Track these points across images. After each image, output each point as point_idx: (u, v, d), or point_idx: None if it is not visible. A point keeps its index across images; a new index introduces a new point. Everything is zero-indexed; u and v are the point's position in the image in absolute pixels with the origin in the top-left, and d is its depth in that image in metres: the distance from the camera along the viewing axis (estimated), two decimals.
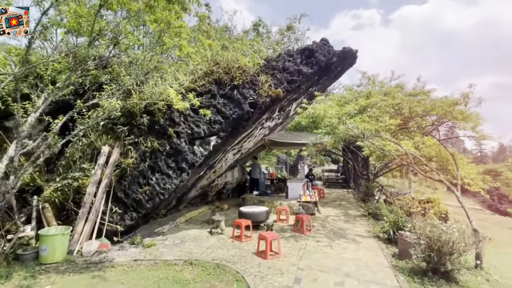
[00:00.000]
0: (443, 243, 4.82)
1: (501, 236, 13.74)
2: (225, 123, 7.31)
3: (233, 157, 10.64)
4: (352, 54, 9.92)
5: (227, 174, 11.98)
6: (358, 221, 9.04)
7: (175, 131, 7.08)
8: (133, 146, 7.07)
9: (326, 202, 12.60)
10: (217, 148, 7.63)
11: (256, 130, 9.66)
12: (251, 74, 7.76)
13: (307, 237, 7.09)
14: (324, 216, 9.66)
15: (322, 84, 10.46)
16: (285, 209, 8.78)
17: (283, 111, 10.30)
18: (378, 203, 11.03)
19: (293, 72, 8.00)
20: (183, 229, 7.73)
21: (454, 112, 7.77)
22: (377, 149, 8.21)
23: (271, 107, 7.99)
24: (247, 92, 7.53)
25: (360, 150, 11.52)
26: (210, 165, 8.97)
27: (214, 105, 7.37)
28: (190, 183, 8.46)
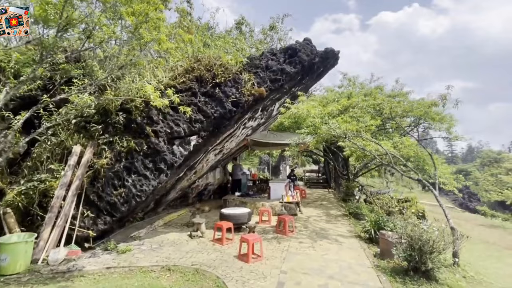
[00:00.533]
0: (424, 242, 4.88)
1: (472, 233, 14.43)
2: (206, 122, 7.07)
3: (215, 157, 10.38)
4: (334, 55, 9.99)
5: (208, 175, 11.69)
6: (340, 221, 9.08)
7: (153, 130, 6.74)
8: (107, 146, 6.65)
9: (307, 203, 12.62)
10: (198, 148, 7.37)
11: (238, 129, 9.47)
12: (233, 72, 7.57)
13: (290, 238, 6.99)
14: (306, 217, 9.63)
15: (304, 84, 10.45)
16: (267, 210, 8.65)
17: (266, 111, 10.19)
18: (359, 202, 11.19)
19: (277, 71, 7.90)
20: (162, 232, 7.38)
21: (431, 113, 8.00)
22: (358, 149, 8.28)
23: (254, 106, 7.84)
24: (230, 91, 7.33)
25: (341, 150, 11.66)
26: (190, 166, 8.67)
27: (195, 103, 7.10)
28: (169, 184, 8.12)
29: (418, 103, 8.88)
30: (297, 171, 28.43)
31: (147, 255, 5.68)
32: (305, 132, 7.87)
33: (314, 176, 22.52)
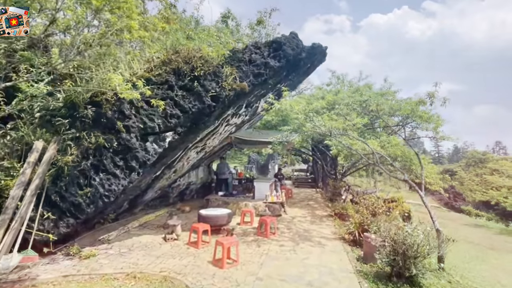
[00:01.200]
0: (408, 246, 4.60)
1: (458, 233, 14.47)
2: (183, 118, 6.62)
3: (196, 155, 9.94)
4: (321, 51, 9.68)
5: (190, 174, 11.23)
6: (325, 222, 8.80)
7: (124, 125, 6.25)
8: (74, 142, 6.13)
9: (293, 203, 12.33)
10: (175, 145, 6.93)
11: (221, 126, 9.05)
12: (214, 65, 7.14)
13: (271, 241, 6.64)
14: (290, 217, 9.31)
15: (291, 81, 10.11)
16: (250, 211, 8.28)
17: (250, 108, 9.81)
18: (345, 202, 10.95)
19: (260, 65, 7.52)
20: (135, 235, 6.91)
21: (418, 111, 7.78)
22: (345, 148, 8.00)
23: (235, 101, 7.44)
24: (209, 84, 6.90)
25: (329, 149, 11.41)
26: (168, 164, 8.21)
27: (172, 97, 6.65)
28: (144, 184, 7.64)
29: (406, 102, 8.68)
30: (285, 170, 28.20)
31: (113, 260, 5.22)
32: (288, 129, 7.51)
33: (302, 176, 22.31)
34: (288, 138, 8.23)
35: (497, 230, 15.93)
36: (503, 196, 20.21)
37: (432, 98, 6.37)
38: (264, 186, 10.59)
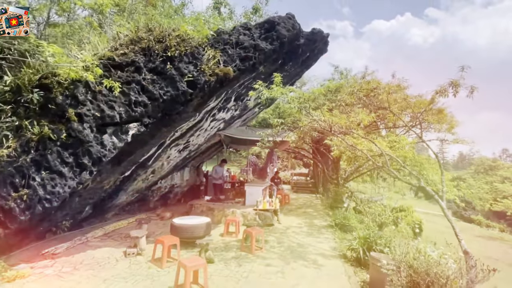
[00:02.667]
0: (434, 278, 3.36)
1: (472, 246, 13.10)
2: (152, 106, 5.47)
3: (179, 154, 8.77)
4: (322, 37, 8.51)
5: (174, 176, 10.05)
6: (323, 234, 7.55)
7: (77, 113, 5.09)
8: (13, 132, 4.97)
9: (290, 210, 11.08)
10: (143, 140, 5.76)
11: (205, 121, 7.89)
12: (192, 46, 6.00)
13: (255, 259, 5.41)
14: (284, 228, 8.07)
15: (287, 72, 8.93)
16: (235, 220, 7.05)
17: (240, 101, 8.64)
18: (347, 211, 9.69)
19: (248, 48, 6.36)
20: (92, 247, 5.72)
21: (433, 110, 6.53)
22: (348, 148, 6.79)
23: (218, 90, 6.26)
24: (185, 67, 5.76)
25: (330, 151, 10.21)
26: (141, 163, 7.04)
27: (138, 81, 5.50)
28: (109, 185, 6.46)
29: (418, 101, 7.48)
30: (285, 174, 26.95)
31: (45, 284, 4.02)
32: (278, 121, 6.31)
33: (302, 180, 21.01)
34: (279, 134, 7.04)
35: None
36: None
37: (457, 88, 5.13)
38: (256, 190, 9.37)
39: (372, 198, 10.54)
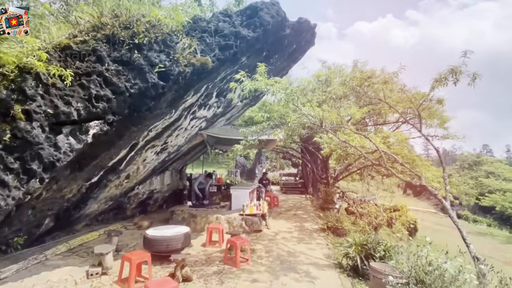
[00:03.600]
0: None
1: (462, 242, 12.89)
2: (117, 101, 4.73)
3: (157, 157, 8.00)
4: (309, 28, 7.98)
5: (153, 181, 9.25)
6: (315, 239, 6.97)
7: (24, 109, 4.28)
8: None
9: (279, 212, 10.48)
10: (108, 141, 5.01)
11: (184, 120, 7.18)
12: (164, 32, 5.30)
13: (240, 273, 4.75)
14: (273, 233, 7.45)
15: (273, 65, 8.34)
16: (218, 227, 6.35)
17: (223, 97, 7.97)
18: (339, 213, 9.17)
19: (228, 36, 5.72)
20: (49, 267, 4.90)
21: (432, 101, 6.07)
22: (339, 145, 6.26)
23: (196, 82, 5.58)
24: (156, 56, 5.06)
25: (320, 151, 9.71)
26: (111, 168, 6.26)
27: (100, 72, 4.74)
28: (72, 194, 5.65)
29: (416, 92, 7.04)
30: (274, 174, 26.41)
31: None
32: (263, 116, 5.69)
33: (291, 180, 20.50)
34: (265, 132, 6.43)
35: (503, 238, 14.50)
36: (508, 201, 18.94)
37: (458, 75, 4.64)
38: (242, 194, 8.71)
39: (365, 198, 10.11)
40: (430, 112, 10.84)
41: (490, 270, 3.51)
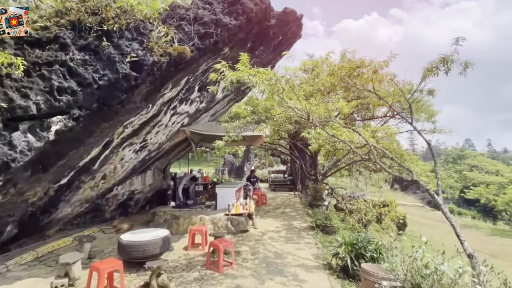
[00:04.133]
0: None
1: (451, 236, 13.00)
2: (83, 94, 4.27)
3: (136, 155, 7.52)
4: (295, 19, 7.65)
5: (133, 181, 8.75)
6: (304, 238, 6.70)
7: None
8: None
9: (267, 211, 10.18)
10: (76, 138, 4.55)
11: (163, 115, 6.74)
12: (137, 19, 4.85)
13: (223, 279, 4.41)
14: (260, 233, 7.14)
15: (259, 58, 7.99)
16: (201, 229, 5.97)
17: (206, 91, 7.55)
18: (328, 210, 8.95)
19: (209, 24, 5.33)
20: (10, 279, 4.42)
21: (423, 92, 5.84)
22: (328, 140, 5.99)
23: (173, 74, 5.17)
24: (128, 45, 4.62)
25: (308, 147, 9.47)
26: (83, 168, 5.77)
27: (64, 62, 4.27)
28: (37, 197, 5.14)
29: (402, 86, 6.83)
30: (262, 172, 26.15)
31: None
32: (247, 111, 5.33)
33: (280, 178, 20.26)
34: (248, 127, 6.08)
35: (488, 230, 14.74)
36: (492, 194, 19.34)
37: (449, 64, 4.42)
38: (228, 193, 8.35)
39: (354, 194, 9.95)
40: (418, 106, 10.81)
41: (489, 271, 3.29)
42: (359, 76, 4.54)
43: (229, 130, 5.86)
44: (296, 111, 4.98)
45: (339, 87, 5.62)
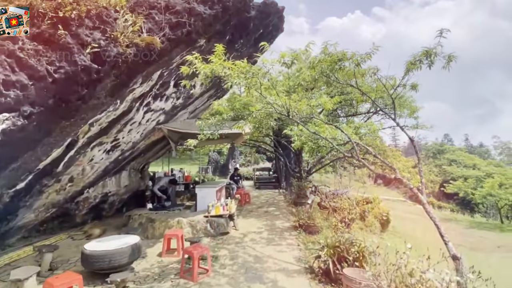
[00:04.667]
0: None
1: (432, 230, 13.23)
2: (35, 89, 3.79)
3: (107, 156, 7.02)
4: (277, 11, 7.36)
5: (106, 182, 8.22)
6: (286, 239, 6.47)
7: None
8: None
9: (250, 210, 9.92)
10: (29, 138, 4.06)
11: (136, 112, 6.28)
12: (100, 5, 4.39)
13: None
14: (241, 235, 6.85)
15: (239, 52, 7.63)
16: (176, 234, 5.60)
17: (182, 87, 7.13)
18: (311, 208, 8.77)
19: (181, 12, 4.93)
20: None
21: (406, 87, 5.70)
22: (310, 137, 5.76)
23: (142, 67, 4.76)
24: (88, 34, 4.16)
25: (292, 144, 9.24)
26: (44, 171, 5.25)
27: (11, 52, 3.75)
28: None
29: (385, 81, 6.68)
30: (247, 169, 25.88)
31: None
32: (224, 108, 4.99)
33: (265, 175, 20.05)
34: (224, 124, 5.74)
35: (466, 223, 15.15)
36: (470, 187, 19.95)
37: (432, 57, 4.24)
38: (209, 193, 7.99)
39: (338, 192, 9.86)
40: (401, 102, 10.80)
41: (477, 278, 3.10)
42: (341, 70, 4.31)
43: (203, 128, 5.49)
44: (276, 107, 4.69)
45: (321, 82, 5.38)
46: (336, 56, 4.17)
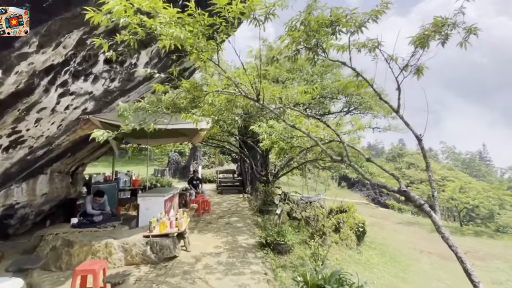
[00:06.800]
0: None
1: (399, 237, 12.92)
2: None
3: (5, 155, 5.03)
4: None
5: (11, 191, 6.11)
6: (250, 265, 5.10)
7: None
8: None
9: (209, 221, 8.38)
10: None
11: (44, 94, 4.44)
12: None
13: None
14: (193, 259, 5.33)
15: None
16: (92, 269, 3.89)
17: (119, 65, 5.41)
18: (280, 219, 7.49)
19: None
20: None
21: None
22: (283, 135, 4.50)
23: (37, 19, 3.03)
24: None
25: (259, 144, 7.95)
26: None
27: None
28: None
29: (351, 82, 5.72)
30: (210, 171, 24.16)
31: None
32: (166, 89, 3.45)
33: (229, 178, 18.54)
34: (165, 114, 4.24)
35: (429, 227, 15.21)
36: None
37: (451, 28, 3.18)
38: (155, 203, 6.33)
39: (310, 199, 8.77)
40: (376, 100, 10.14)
41: None
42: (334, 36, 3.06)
43: (127, 115, 3.91)
44: (241, 88, 3.30)
45: (295, 74, 4.14)
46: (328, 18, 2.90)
